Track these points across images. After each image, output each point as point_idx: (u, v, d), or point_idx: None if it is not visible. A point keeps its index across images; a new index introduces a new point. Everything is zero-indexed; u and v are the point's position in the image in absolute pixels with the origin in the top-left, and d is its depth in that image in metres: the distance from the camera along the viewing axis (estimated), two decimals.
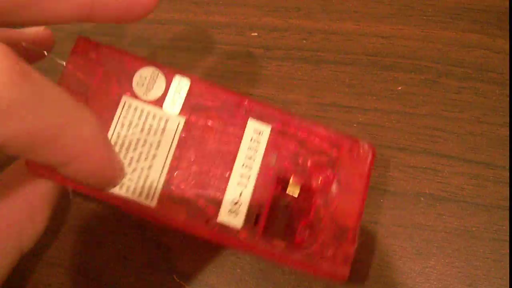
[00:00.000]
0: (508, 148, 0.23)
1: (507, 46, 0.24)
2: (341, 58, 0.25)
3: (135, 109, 0.20)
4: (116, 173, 0.19)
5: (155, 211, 0.19)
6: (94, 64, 0.20)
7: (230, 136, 0.20)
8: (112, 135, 0.20)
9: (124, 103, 0.20)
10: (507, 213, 0.22)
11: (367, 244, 0.23)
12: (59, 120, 0.15)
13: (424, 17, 0.25)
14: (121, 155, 0.20)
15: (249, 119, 0.20)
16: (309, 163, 0.20)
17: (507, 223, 0.22)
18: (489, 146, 0.23)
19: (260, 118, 0.20)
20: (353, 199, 0.20)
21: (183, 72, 0.21)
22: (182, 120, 0.20)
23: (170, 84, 0.20)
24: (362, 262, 0.23)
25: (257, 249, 0.19)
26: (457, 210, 0.22)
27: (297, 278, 0.23)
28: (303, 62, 0.26)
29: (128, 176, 0.19)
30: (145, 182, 0.20)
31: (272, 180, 0.20)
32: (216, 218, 0.19)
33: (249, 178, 0.20)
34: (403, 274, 0.22)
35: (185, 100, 0.20)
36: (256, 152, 0.20)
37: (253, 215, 0.20)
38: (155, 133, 0.20)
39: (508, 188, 0.22)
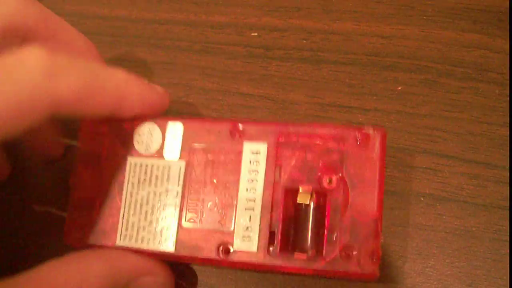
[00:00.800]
0: (508, 148, 0.23)
1: (507, 46, 0.24)
2: (341, 58, 0.25)
3: (140, 166, 0.21)
4: (162, 94, 0.22)
5: (175, 255, 0.20)
6: (100, 137, 0.22)
7: (230, 164, 0.21)
8: (126, 195, 0.21)
9: (130, 164, 0.21)
10: (507, 213, 0.22)
11: None
12: (94, 74, 0.20)
13: (424, 17, 0.25)
14: (136, 211, 0.21)
15: (244, 142, 0.20)
16: (316, 166, 0.20)
17: (507, 223, 0.22)
18: (489, 146, 0.23)
19: (255, 137, 0.20)
20: (370, 190, 0.19)
21: (174, 117, 0.22)
22: (182, 164, 0.21)
23: (165, 132, 0.21)
24: None
25: (278, 267, 0.19)
26: (457, 210, 0.22)
27: (297, 279, 0.23)
28: (303, 62, 0.26)
29: (146, 229, 0.21)
30: (161, 231, 0.21)
31: (281, 195, 0.20)
32: (232, 247, 0.20)
33: (255, 200, 0.20)
34: (403, 274, 0.22)
35: (182, 143, 0.21)
36: (257, 173, 0.20)
37: (267, 235, 0.20)
38: (161, 183, 0.21)
39: (508, 188, 0.22)
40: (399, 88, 0.24)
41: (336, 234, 0.19)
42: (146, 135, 0.22)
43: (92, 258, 0.20)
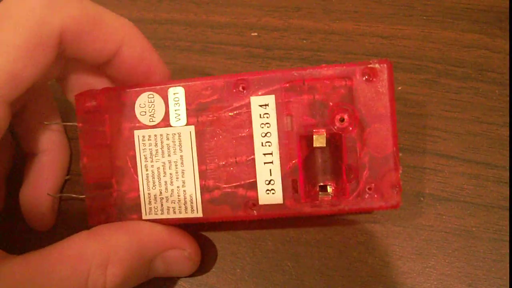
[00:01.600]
0: (508, 148, 0.23)
1: (507, 46, 0.24)
2: (341, 58, 0.25)
3: (149, 137, 0.21)
4: (164, 65, 0.21)
5: (203, 219, 0.20)
6: (99, 113, 0.21)
7: (239, 119, 0.20)
8: (141, 169, 0.21)
9: (138, 137, 0.21)
10: (507, 213, 0.22)
11: (367, 244, 0.23)
12: (97, 10, 0.20)
13: (424, 17, 0.25)
14: (156, 183, 0.21)
15: (251, 97, 0.20)
16: (326, 108, 0.20)
17: (507, 223, 0.22)
18: (489, 146, 0.23)
19: (260, 89, 0.20)
20: (383, 124, 0.19)
21: (174, 81, 0.21)
22: (192, 128, 0.21)
23: (167, 99, 0.21)
24: (362, 262, 0.23)
25: (305, 213, 0.20)
26: (457, 210, 0.22)
27: (297, 278, 0.23)
28: (303, 62, 0.26)
29: (169, 199, 0.21)
30: (185, 198, 0.21)
31: (296, 143, 0.20)
32: (258, 201, 0.20)
33: (272, 153, 0.20)
34: (403, 274, 0.22)
35: (186, 107, 0.21)
36: (270, 125, 0.20)
37: (290, 185, 0.20)
38: (174, 151, 0.21)
39: (508, 188, 0.22)
40: (399, 88, 0.24)
41: (355, 172, 0.19)
42: (148, 105, 0.21)
43: (120, 231, 0.20)
